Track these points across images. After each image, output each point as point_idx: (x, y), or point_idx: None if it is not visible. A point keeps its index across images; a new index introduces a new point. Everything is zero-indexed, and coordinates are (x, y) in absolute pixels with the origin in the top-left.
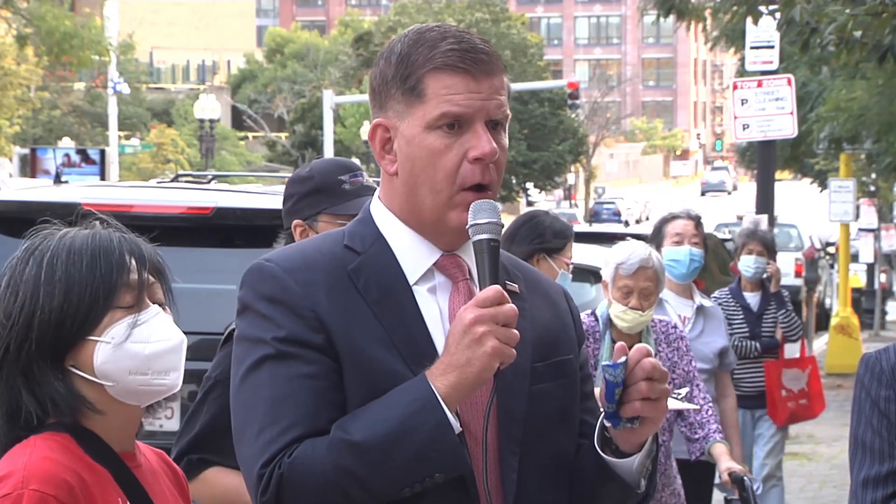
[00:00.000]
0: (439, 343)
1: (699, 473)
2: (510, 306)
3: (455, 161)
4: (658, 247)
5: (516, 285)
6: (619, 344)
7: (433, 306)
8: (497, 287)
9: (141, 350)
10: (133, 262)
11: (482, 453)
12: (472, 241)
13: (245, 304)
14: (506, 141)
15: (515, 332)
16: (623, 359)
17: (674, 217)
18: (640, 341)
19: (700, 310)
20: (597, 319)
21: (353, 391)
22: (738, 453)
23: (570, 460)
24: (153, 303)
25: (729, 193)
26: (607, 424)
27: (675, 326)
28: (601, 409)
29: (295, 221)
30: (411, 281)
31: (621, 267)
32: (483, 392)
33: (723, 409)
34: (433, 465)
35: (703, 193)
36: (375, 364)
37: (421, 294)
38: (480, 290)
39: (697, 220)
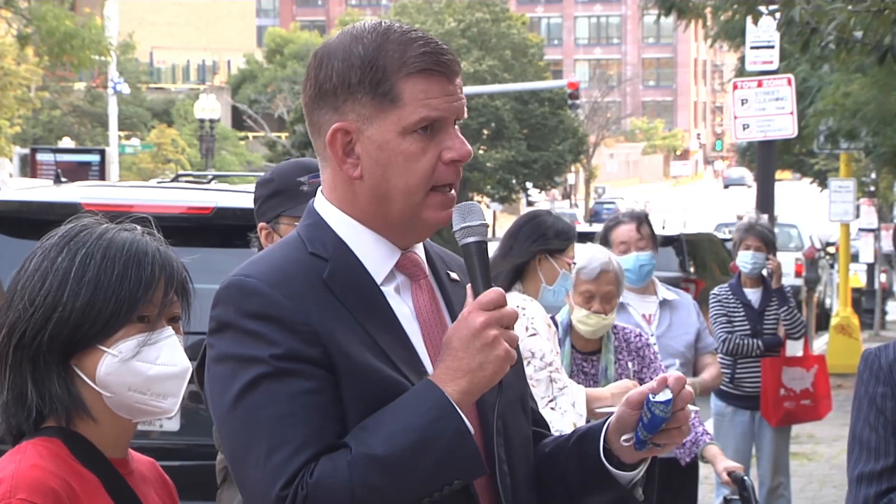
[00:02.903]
0: (416, 343)
1: (684, 472)
2: (511, 308)
3: (431, 163)
4: None
5: (455, 275)
6: (660, 377)
7: (402, 306)
8: (499, 290)
9: (146, 370)
10: (162, 279)
11: (486, 454)
12: (461, 244)
13: (225, 321)
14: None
15: (516, 333)
16: (670, 394)
17: (617, 223)
18: (601, 347)
19: (664, 304)
20: (556, 326)
21: (351, 402)
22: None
23: (531, 441)
24: (170, 319)
25: (749, 187)
26: (626, 445)
27: (638, 335)
28: (611, 419)
29: (260, 224)
30: (378, 282)
31: (583, 272)
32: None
33: (708, 373)
34: (454, 472)
35: (725, 187)
36: (371, 373)
37: (389, 295)
38: (474, 292)
39: (640, 222)
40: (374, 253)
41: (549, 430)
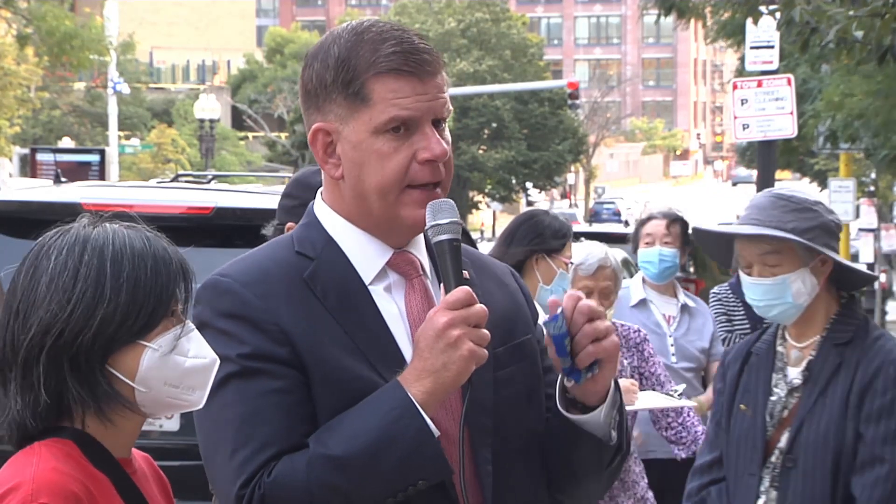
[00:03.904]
0: (402, 343)
1: (686, 472)
2: (480, 307)
3: (404, 163)
4: (636, 248)
5: (465, 272)
6: (551, 298)
7: (391, 305)
8: (466, 288)
9: (182, 362)
10: (184, 272)
11: (458, 453)
12: (433, 242)
13: (202, 321)
14: (448, 136)
15: (486, 332)
16: (559, 309)
17: (649, 218)
18: None
19: (685, 308)
20: None
21: (323, 401)
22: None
23: (540, 439)
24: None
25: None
26: (568, 384)
27: (637, 330)
28: (560, 374)
29: (290, 224)
30: (366, 281)
31: (580, 268)
32: (454, 392)
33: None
34: (416, 473)
35: (734, 184)
36: (343, 372)
37: (378, 294)
38: (446, 291)
39: (671, 220)
40: (363, 252)
41: None
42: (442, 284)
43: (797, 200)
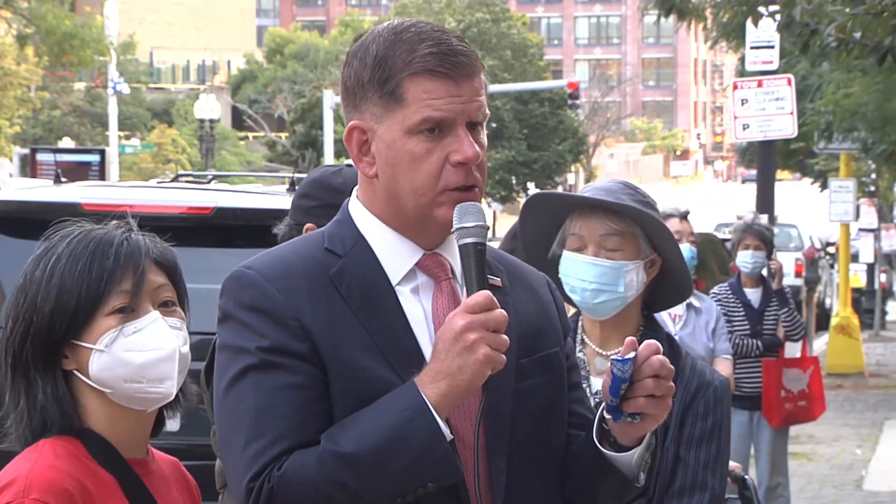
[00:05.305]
0: (424, 345)
1: None
2: (500, 311)
3: (437, 165)
4: None
5: (498, 279)
6: (630, 338)
7: (417, 307)
8: (487, 292)
9: (133, 359)
10: (131, 266)
11: (473, 458)
12: (458, 245)
13: (226, 312)
14: (485, 139)
15: (505, 337)
16: (632, 354)
17: (667, 216)
18: None
19: (690, 307)
20: None
21: (340, 399)
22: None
23: (559, 453)
24: (158, 306)
25: None
26: (607, 417)
27: None
28: (603, 401)
29: (308, 224)
30: (394, 282)
31: None
32: (472, 396)
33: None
34: (426, 475)
35: (743, 182)
36: (362, 371)
37: (404, 295)
38: (468, 294)
39: (683, 217)
40: (393, 252)
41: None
42: (465, 288)
43: (643, 194)
